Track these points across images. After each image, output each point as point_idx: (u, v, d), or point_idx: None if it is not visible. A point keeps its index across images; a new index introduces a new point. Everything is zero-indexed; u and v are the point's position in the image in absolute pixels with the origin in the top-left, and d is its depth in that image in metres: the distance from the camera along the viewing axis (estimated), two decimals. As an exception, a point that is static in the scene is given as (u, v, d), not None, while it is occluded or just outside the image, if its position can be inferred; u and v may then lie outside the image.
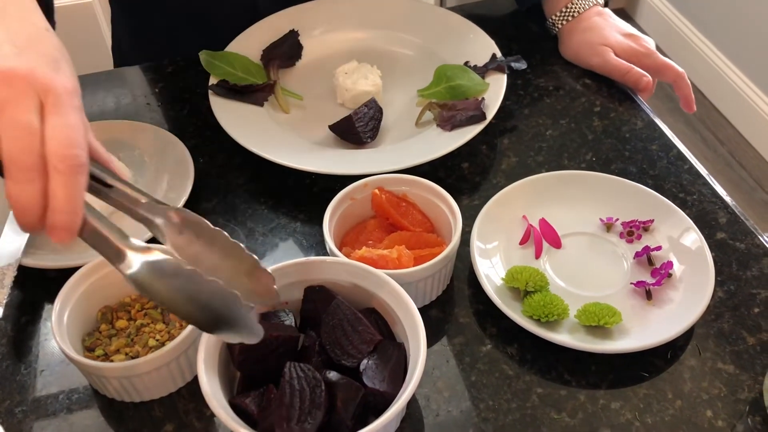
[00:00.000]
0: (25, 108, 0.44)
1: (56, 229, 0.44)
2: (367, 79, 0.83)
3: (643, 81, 0.85)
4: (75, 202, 0.44)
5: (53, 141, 0.44)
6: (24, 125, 0.44)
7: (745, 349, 0.62)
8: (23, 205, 0.44)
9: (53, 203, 0.44)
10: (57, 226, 0.44)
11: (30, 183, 0.43)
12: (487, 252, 0.67)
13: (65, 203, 0.44)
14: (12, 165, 0.43)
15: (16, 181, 0.43)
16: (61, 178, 0.44)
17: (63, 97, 0.46)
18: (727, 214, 0.73)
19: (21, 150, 0.43)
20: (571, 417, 0.58)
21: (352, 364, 0.54)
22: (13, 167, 0.43)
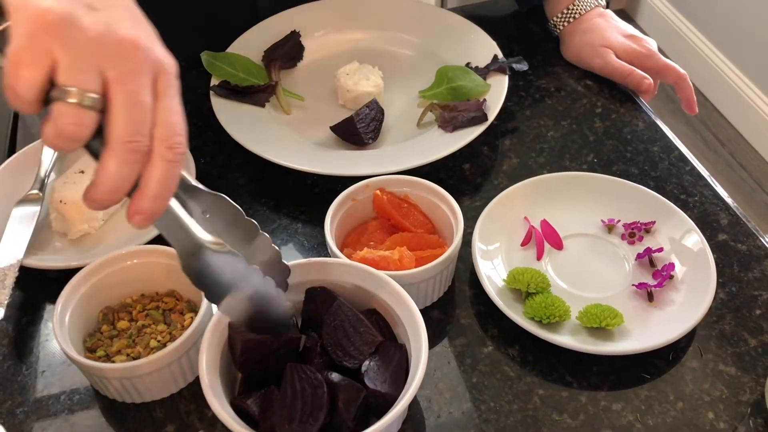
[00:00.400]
0: (143, 84, 0.42)
1: (140, 214, 0.43)
2: (369, 80, 0.83)
3: (644, 83, 0.85)
4: (169, 191, 0.43)
5: (163, 126, 0.42)
6: (143, 104, 0.42)
7: (747, 351, 0.62)
8: (117, 184, 0.42)
9: (147, 188, 0.42)
10: (143, 211, 0.43)
11: (134, 164, 0.42)
12: (489, 253, 0.67)
13: (160, 190, 0.42)
14: (122, 144, 0.41)
15: (121, 160, 0.41)
16: (164, 165, 0.42)
17: (173, 78, 0.44)
18: (728, 216, 0.73)
19: (136, 130, 0.41)
20: (573, 418, 0.58)
21: (353, 366, 0.54)
22: (123, 147, 0.41)
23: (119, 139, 0.41)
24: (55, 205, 0.69)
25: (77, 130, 0.40)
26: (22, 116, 0.88)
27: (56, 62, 0.40)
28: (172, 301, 0.63)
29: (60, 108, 0.40)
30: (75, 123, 0.40)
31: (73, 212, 0.68)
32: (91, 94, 0.40)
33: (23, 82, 0.39)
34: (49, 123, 0.40)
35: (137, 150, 0.41)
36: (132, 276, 0.62)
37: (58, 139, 0.40)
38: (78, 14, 0.40)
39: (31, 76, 0.39)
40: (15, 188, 0.73)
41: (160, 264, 0.62)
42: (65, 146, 0.41)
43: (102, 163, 0.41)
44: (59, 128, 0.40)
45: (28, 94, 0.40)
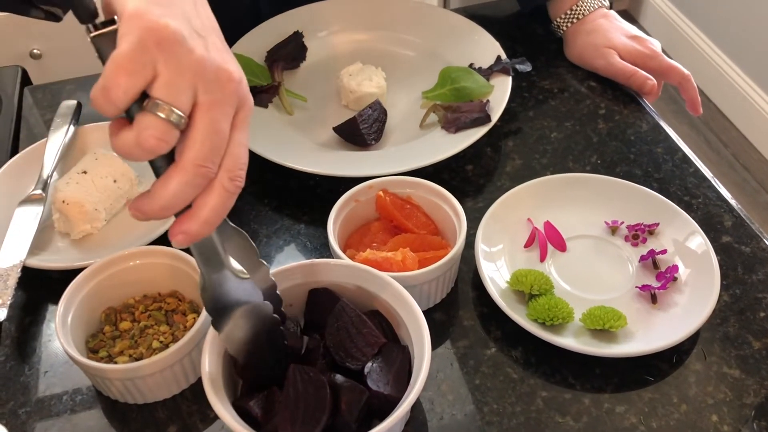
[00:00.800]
0: (227, 114, 0.43)
1: (185, 235, 0.43)
2: (372, 80, 0.83)
3: (647, 85, 0.85)
4: (219, 219, 0.44)
5: (232, 158, 0.44)
6: (222, 133, 0.43)
7: (751, 354, 0.61)
8: (173, 202, 0.42)
9: (200, 213, 0.43)
10: (189, 233, 0.43)
11: (196, 188, 0.43)
12: (492, 255, 0.67)
13: (212, 217, 0.43)
14: (194, 167, 0.42)
15: (187, 182, 0.42)
16: (223, 194, 0.43)
17: (250, 114, 0.46)
18: (732, 218, 0.72)
19: (210, 157, 0.42)
20: (576, 421, 0.57)
21: (356, 367, 0.54)
22: (194, 170, 0.42)
23: (192, 162, 0.42)
24: (58, 206, 0.69)
25: (159, 144, 0.41)
26: (24, 117, 0.88)
27: (157, 76, 0.40)
28: (174, 302, 0.62)
29: (149, 120, 0.40)
30: (160, 137, 0.40)
31: (75, 213, 0.68)
32: (179, 112, 0.41)
33: (121, 87, 0.39)
34: (131, 132, 0.40)
35: (206, 175, 0.42)
36: (134, 277, 0.62)
37: (136, 149, 0.41)
38: (188, 35, 0.41)
39: (130, 84, 0.40)
40: (18, 189, 0.73)
41: (163, 265, 0.62)
42: (140, 156, 0.41)
43: (165, 179, 0.42)
44: (142, 139, 0.40)
45: (122, 101, 0.40)
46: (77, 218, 0.69)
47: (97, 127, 0.81)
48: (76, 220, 0.69)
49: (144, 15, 0.40)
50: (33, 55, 1.68)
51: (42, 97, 0.91)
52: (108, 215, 0.72)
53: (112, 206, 0.72)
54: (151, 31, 0.40)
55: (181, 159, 0.42)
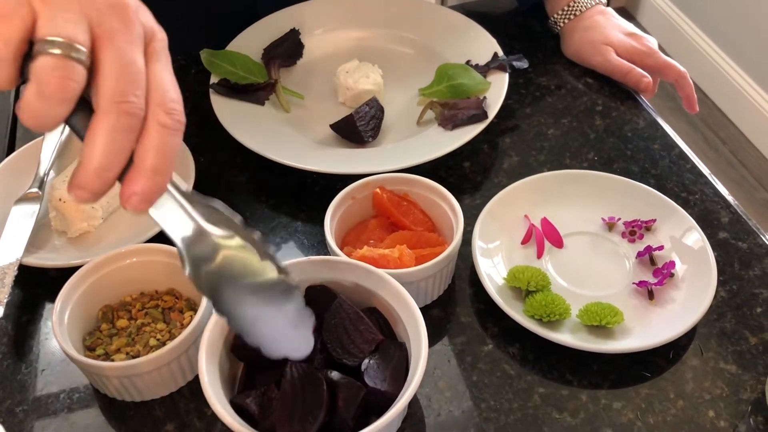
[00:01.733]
0: (135, 44, 0.37)
1: (137, 195, 0.37)
2: (369, 77, 0.83)
3: (643, 82, 0.85)
4: (168, 165, 0.38)
5: (159, 90, 0.38)
6: (136, 63, 0.37)
7: (748, 349, 0.62)
8: (108, 159, 0.36)
9: (143, 162, 0.37)
10: (140, 191, 0.37)
11: (127, 132, 0.36)
12: (489, 251, 0.67)
13: (158, 163, 0.37)
14: (114, 105, 0.36)
15: (114, 126, 0.36)
16: (162, 132, 0.37)
17: (165, 46, 0.40)
18: (729, 214, 0.73)
19: (129, 90, 0.36)
20: (573, 417, 0.57)
21: (353, 364, 0.54)
22: (115, 108, 0.36)
23: (111, 100, 0.36)
24: (55, 204, 0.69)
25: (66, 84, 0.35)
26: (21, 114, 0.88)
27: (37, 14, 0.35)
28: (171, 300, 0.62)
29: (43, 61, 0.34)
30: (63, 75, 0.34)
31: (72, 211, 0.68)
32: (78, 45, 0.35)
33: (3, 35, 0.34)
34: (30, 85, 0.35)
35: (131, 112, 0.36)
36: (131, 274, 0.62)
37: (40, 101, 0.34)
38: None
39: (7, 30, 0.34)
40: (14, 187, 0.73)
41: (160, 262, 0.62)
42: (48, 110, 0.35)
43: (90, 134, 0.36)
44: (42, 86, 0.34)
45: (5, 52, 0.34)
46: (74, 216, 0.69)
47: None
48: (73, 218, 0.69)
49: None
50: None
51: (38, 95, 0.90)
52: (105, 213, 0.72)
53: (109, 204, 0.72)
54: None
55: (99, 101, 0.36)
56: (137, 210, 0.38)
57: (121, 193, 0.38)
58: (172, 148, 0.38)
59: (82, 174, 0.36)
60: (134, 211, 0.38)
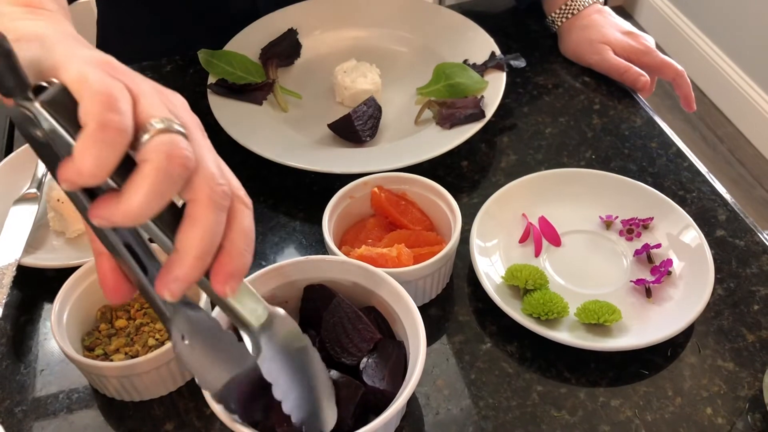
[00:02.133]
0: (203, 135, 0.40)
1: (235, 278, 0.37)
2: (366, 77, 0.83)
3: (640, 81, 0.85)
4: (253, 241, 0.39)
5: (231, 175, 0.40)
6: (212, 150, 0.39)
7: (745, 347, 0.62)
8: (210, 242, 0.36)
9: (235, 245, 0.37)
10: (236, 273, 0.37)
11: (224, 213, 0.37)
12: (487, 250, 0.67)
13: (248, 243, 0.38)
14: (217, 187, 0.37)
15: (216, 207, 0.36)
16: (247, 214, 0.38)
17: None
18: (726, 212, 0.73)
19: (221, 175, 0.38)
20: (571, 415, 0.58)
21: (352, 363, 0.54)
22: (218, 191, 0.36)
23: (212, 182, 0.36)
24: (53, 204, 0.69)
25: (189, 159, 0.35)
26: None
27: (137, 99, 0.36)
28: (170, 300, 0.62)
29: (165, 139, 0.35)
30: (186, 148, 0.35)
31: (70, 211, 0.68)
32: (179, 122, 0.37)
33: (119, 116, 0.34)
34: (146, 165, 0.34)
35: (227, 194, 0.37)
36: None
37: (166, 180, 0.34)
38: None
39: (126, 109, 0.35)
40: (12, 187, 0.73)
41: (158, 262, 0.62)
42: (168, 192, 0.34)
43: (190, 222, 0.36)
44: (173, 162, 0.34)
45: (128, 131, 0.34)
46: (72, 216, 0.69)
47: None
48: (71, 219, 0.69)
49: (87, 55, 0.37)
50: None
51: (36, 95, 0.90)
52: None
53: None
54: (106, 64, 0.37)
55: (196, 189, 0.36)
56: (233, 292, 0.38)
57: (216, 279, 0.38)
58: (253, 228, 0.39)
59: (180, 266, 0.36)
60: (230, 294, 0.38)
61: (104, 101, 0.34)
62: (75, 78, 0.35)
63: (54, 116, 0.35)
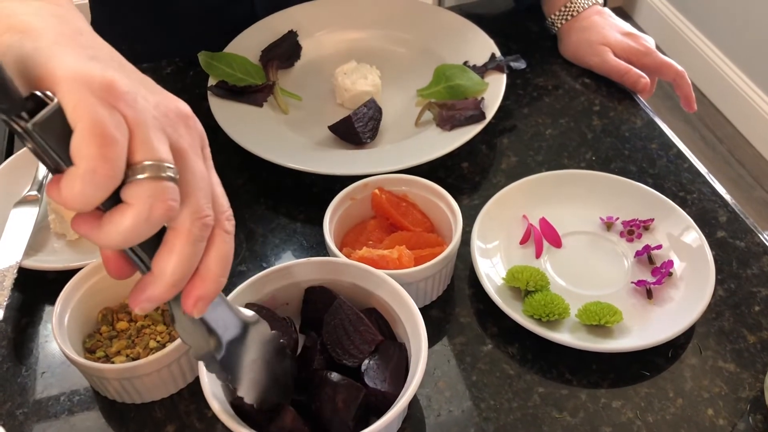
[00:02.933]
0: (200, 156, 0.39)
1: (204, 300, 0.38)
2: (367, 79, 0.83)
3: (641, 82, 0.85)
4: (229, 268, 0.39)
5: (220, 198, 0.39)
6: (207, 176, 0.38)
7: (746, 348, 0.62)
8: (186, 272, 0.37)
9: (209, 270, 0.38)
10: (206, 295, 0.38)
11: (203, 243, 0.37)
12: (488, 251, 0.67)
13: (223, 268, 0.39)
14: (197, 221, 0.36)
15: (195, 241, 0.36)
16: (225, 239, 0.39)
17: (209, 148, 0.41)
18: (727, 213, 0.73)
19: (206, 204, 0.37)
20: (573, 416, 0.58)
21: (353, 365, 0.54)
22: (198, 224, 0.36)
23: (194, 215, 0.36)
24: (54, 207, 0.69)
25: (173, 208, 0.35)
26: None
27: (132, 135, 0.35)
28: (171, 302, 0.62)
29: (149, 186, 0.34)
30: (171, 198, 0.35)
31: (71, 213, 0.68)
32: (170, 165, 0.35)
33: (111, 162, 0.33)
34: (129, 212, 0.34)
35: (208, 225, 0.37)
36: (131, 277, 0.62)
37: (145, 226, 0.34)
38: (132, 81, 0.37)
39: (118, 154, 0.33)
40: (13, 189, 0.73)
41: (159, 264, 0.62)
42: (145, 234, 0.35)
43: (168, 249, 0.36)
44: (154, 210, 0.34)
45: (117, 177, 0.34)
46: (73, 219, 0.69)
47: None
48: (72, 221, 0.69)
49: (87, 73, 0.34)
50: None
51: (37, 98, 0.90)
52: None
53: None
54: (105, 89, 0.34)
55: (178, 219, 0.36)
56: (200, 314, 0.39)
57: (187, 299, 0.38)
58: (232, 252, 0.40)
59: (154, 288, 0.37)
60: (197, 315, 0.39)
61: (98, 143, 0.33)
62: (71, 105, 0.34)
63: (45, 139, 0.33)
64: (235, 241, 0.63)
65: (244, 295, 0.57)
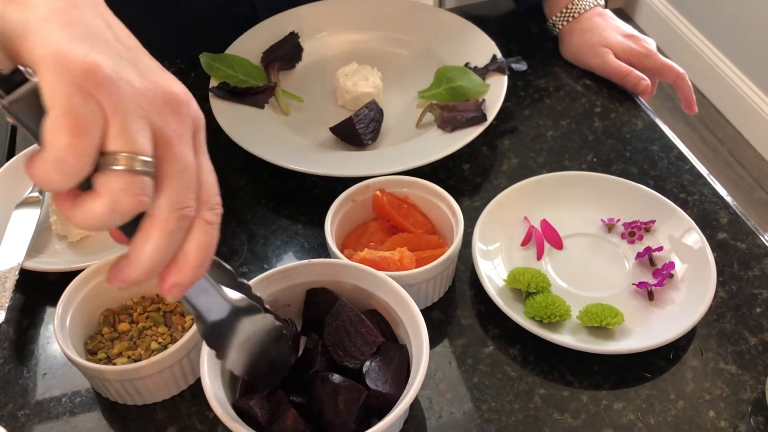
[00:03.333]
0: (188, 144, 0.38)
1: (179, 287, 0.38)
2: (368, 80, 0.83)
3: (641, 85, 0.85)
4: (210, 258, 0.39)
5: (206, 188, 0.39)
6: (192, 166, 0.38)
7: (747, 350, 0.62)
8: (161, 260, 0.37)
9: (187, 258, 0.38)
10: (182, 283, 0.38)
11: (180, 233, 0.37)
12: (489, 253, 0.67)
13: (202, 258, 0.38)
14: (174, 212, 0.36)
15: (172, 230, 0.36)
16: (207, 230, 0.38)
17: (205, 132, 0.40)
18: (728, 215, 0.73)
19: (186, 196, 0.37)
20: (574, 418, 0.58)
21: (354, 366, 0.54)
22: (175, 214, 0.36)
23: (170, 207, 0.36)
24: (55, 208, 0.69)
25: (140, 202, 0.35)
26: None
27: (108, 124, 0.34)
28: (172, 303, 0.63)
29: (118, 179, 0.34)
30: (138, 194, 0.34)
31: (73, 215, 0.68)
32: (147, 158, 0.35)
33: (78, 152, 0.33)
34: (99, 200, 0.34)
35: (188, 216, 0.37)
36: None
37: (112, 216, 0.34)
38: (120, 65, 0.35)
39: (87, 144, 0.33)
40: (15, 191, 0.73)
41: (161, 266, 0.62)
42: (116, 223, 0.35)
43: (143, 236, 0.36)
44: (119, 203, 0.34)
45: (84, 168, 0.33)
46: (75, 220, 0.69)
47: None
48: (74, 222, 0.69)
49: (68, 56, 0.33)
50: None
51: (38, 99, 0.91)
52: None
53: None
54: (85, 74, 0.33)
55: (156, 208, 0.36)
56: (176, 299, 0.39)
57: (161, 283, 0.39)
58: (213, 242, 0.39)
59: (129, 271, 0.37)
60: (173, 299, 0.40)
61: (68, 133, 0.33)
62: (47, 88, 0.33)
63: (20, 117, 0.34)
64: (237, 243, 0.64)
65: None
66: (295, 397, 0.53)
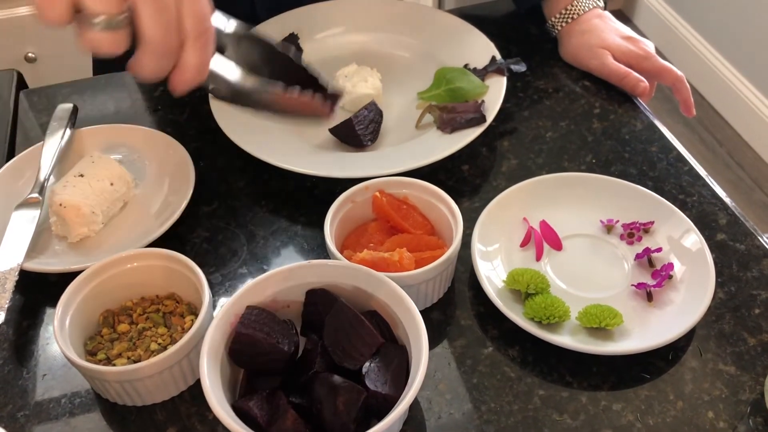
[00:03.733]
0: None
1: (183, 84, 0.48)
2: (367, 81, 0.83)
3: (640, 86, 0.85)
4: (206, 68, 0.49)
5: (190, 18, 0.46)
6: (168, 8, 0.45)
7: (746, 350, 0.62)
8: (156, 71, 0.47)
9: (186, 70, 0.47)
10: (184, 82, 0.48)
11: (168, 58, 0.46)
12: (488, 254, 0.67)
13: (198, 68, 0.48)
14: (155, 46, 0.45)
15: (157, 57, 0.46)
16: (197, 52, 0.47)
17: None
18: (727, 216, 0.73)
19: (166, 32, 0.45)
20: (573, 419, 0.58)
21: (354, 367, 0.54)
22: (156, 48, 0.45)
23: (151, 43, 0.45)
24: (55, 209, 0.69)
25: (111, 49, 0.45)
26: (20, 121, 0.88)
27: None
28: (172, 304, 0.63)
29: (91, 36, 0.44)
30: (110, 44, 0.44)
31: (72, 216, 0.68)
32: (120, 17, 0.44)
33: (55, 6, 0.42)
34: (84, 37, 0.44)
35: (168, 49, 0.46)
36: (132, 279, 0.62)
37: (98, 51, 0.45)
38: None
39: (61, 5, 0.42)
40: (14, 192, 0.73)
41: (160, 267, 0.62)
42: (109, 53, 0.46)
43: (138, 58, 0.46)
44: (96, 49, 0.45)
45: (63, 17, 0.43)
46: (74, 221, 0.69)
47: (94, 131, 0.81)
48: (73, 224, 0.69)
49: None
50: (28, 58, 1.68)
51: (38, 100, 0.91)
52: (105, 218, 0.72)
53: (109, 209, 0.72)
54: None
55: (142, 41, 0.45)
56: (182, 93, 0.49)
57: (170, 84, 0.49)
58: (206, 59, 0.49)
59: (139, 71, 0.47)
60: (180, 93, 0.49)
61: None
62: None
63: None
64: (236, 244, 0.64)
65: (245, 298, 0.57)
66: (295, 397, 0.53)
